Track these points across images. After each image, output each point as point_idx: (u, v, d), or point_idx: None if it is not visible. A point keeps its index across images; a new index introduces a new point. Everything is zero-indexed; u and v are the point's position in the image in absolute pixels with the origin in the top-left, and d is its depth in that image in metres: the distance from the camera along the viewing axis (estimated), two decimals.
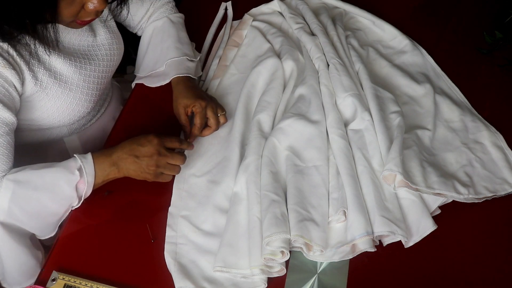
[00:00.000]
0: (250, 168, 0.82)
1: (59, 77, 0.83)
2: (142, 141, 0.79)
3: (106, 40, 0.92)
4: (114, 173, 0.79)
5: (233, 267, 0.73)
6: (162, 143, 0.80)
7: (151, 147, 0.78)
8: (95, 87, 0.90)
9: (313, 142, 0.86)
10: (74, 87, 0.85)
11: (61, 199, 0.76)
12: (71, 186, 0.75)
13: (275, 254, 0.71)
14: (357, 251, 0.75)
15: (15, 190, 0.73)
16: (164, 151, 0.79)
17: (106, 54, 0.91)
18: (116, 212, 0.83)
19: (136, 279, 0.75)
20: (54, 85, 0.82)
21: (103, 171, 0.78)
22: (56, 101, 0.84)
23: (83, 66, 0.87)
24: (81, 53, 0.88)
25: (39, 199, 0.74)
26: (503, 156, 0.90)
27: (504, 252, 0.80)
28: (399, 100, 0.99)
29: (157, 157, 0.78)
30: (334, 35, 1.09)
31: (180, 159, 0.82)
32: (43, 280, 0.73)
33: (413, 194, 0.80)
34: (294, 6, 1.19)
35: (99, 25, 0.92)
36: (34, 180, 0.74)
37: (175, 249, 0.78)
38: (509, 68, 1.11)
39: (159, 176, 0.81)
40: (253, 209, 0.77)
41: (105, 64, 0.91)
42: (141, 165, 0.78)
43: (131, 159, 0.78)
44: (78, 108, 0.88)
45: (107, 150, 0.80)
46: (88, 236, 0.80)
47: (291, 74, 1.01)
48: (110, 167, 0.78)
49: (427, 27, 1.22)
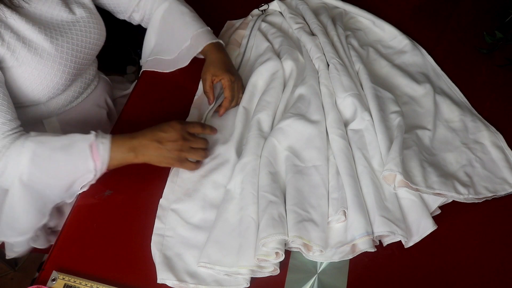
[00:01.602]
0: (247, 168, 0.82)
1: (28, 42, 0.83)
2: (165, 128, 0.80)
3: (81, 18, 0.93)
4: (131, 158, 0.79)
5: (217, 264, 0.73)
6: (185, 128, 0.81)
7: (174, 132, 0.80)
8: (70, 58, 0.90)
9: (312, 142, 0.86)
10: (45, 55, 0.85)
11: (76, 158, 0.76)
12: (85, 144, 0.76)
13: (269, 255, 0.71)
14: (357, 251, 0.75)
15: (36, 150, 0.75)
16: (187, 135, 0.81)
17: (81, 30, 0.92)
18: (116, 212, 0.83)
19: (136, 279, 0.75)
20: (23, 49, 0.83)
21: (120, 153, 0.78)
22: (27, 67, 0.84)
23: (54, 37, 0.87)
24: (53, 26, 0.89)
25: (56, 159, 0.76)
26: (503, 156, 0.90)
27: (504, 252, 0.80)
28: (399, 100, 0.99)
29: (181, 142, 0.80)
30: (334, 35, 1.09)
31: (203, 142, 0.83)
32: (43, 280, 0.73)
33: (413, 194, 0.80)
34: (294, 6, 1.19)
35: (74, 4, 0.93)
36: (54, 141, 0.76)
37: (162, 241, 0.78)
38: (509, 68, 1.11)
39: (183, 162, 0.82)
40: (248, 209, 0.77)
41: (79, 39, 0.91)
42: (165, 150, 0.79)
43: (154, 144, 0.79)
44: (51, 78, 0.88)
45: (129, 135, 0.80)
46: (88, 236, 0.80)
47: (291, 74, 1.01)
48: (128, 151, 0.79)
49: (427, 27, 1.22)
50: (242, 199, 0.79)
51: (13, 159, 0.74)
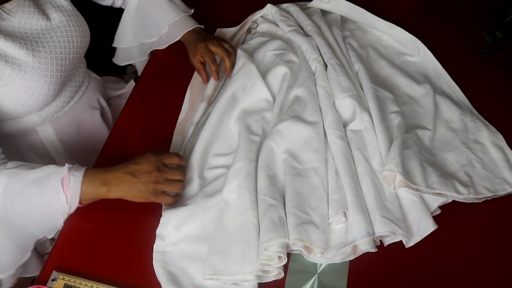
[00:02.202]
0: (242, 173, 0.81)
1: (10, 60, 0.81)
2: (139, 160, 0.78)
3: (61, 23, 0.90)
4: (104, 193, 0.76)
5: (223, 274, 0.71)
6: (159, 159, 0.78)
7: (148, 164, 0.77)
8: (55, 68, 0.88)
9: (310, 144, 0.86)
10: (29, 69, 0.83)
11: (47, 192, 0.74)
12: (57, 178, 0.74)
13: (272, 259, 0.71)
14: (358, 252, 0.75)
15: (8, 184, 0.73)
16: (162, 167, 0.78)
17: (62, 36, 0.89)
18: (116, 212, 0.83)
19: (136, 279, 0.75)
20: (6, 68, 0.81)
21: (92, 187, 0.75)
22: (13, 84, 0.82)
23: (36, 49, 0.85)
24: (33, 37, 0.86)
25: (28, 192, 0.74)
26: (503, 156, 0.90)
27: (504, 252, 0.80)
28: (399, 100, 0.99)
29: (156, 173, 0.76)
30: (329, 35, 1.08)
31: (180, 174, 0.80)
32: (43, 280, 0.73)
33: (413, 194, 0.80)
34: (285, 8, 1.18)
35: (51, 9, 0.91)
36: (27, 175, 0.74)
37: (164, 257, 0.76)
38: (509, 68, 1.11)
39: (159, 196, 0.78)
40: (247, 215, 0.76)
41: (61, 45, 0.89)
42: (139, 183, 0.76)
43: (127, 178, 0.76)
44: (39, 91, 0.86)
45: (103, 168, 0.77)
46: (88, 236, 0.80)
47: (284, 77, 0.99)
48: (100, 185, 0.75)
49: (427, 27, 1.22)
50: (239, 205, 0.78)
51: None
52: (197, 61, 1.01)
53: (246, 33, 1.16)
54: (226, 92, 0.96)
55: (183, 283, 0.74)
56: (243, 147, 0.86)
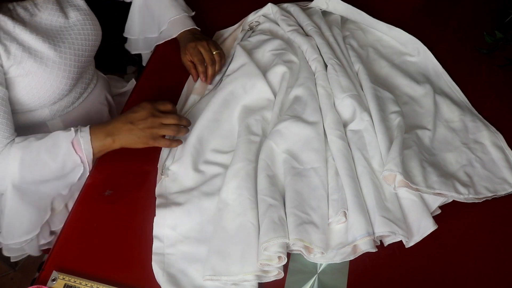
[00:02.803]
0: (241, 174, 0.81)
1: (33, 52, 0.85)
2: (135, 108, 0.84)
3: (78, 21, 0.95)
4: (110, 143, 0.82)
5: (223, 274, 0.71)
6: (154, 106, 0.84)
7: (143, 111, 0.83)
8: (73, 64, 0.92)
9: (310, 144, 0.86)
10: (50, 63, 0.87)
11: (61, 156, 0.80)
12: (67, 141, 0.79)
13: (272, 259, 0.71)
14: (358, 252, 0.75)
15: (22, 156, 0.79)
16: (157, 113, 0.83)
17: (80, 33, 0.94)
18: (116, 212, 0.83)
19: (136, 279, 0.74)
20: (29, 60, 0.84)
21: (99, 141, 0.81)
22: (34, 76, 0.85)
23: (57, 44, 0.89)
24: (53, 33, 0.90)
25: (44, 160, 0.79)
26: (503, 156, 0.90)
27: (504, 252, 0.80)
28: (399, 100, 0.99)
29: (151, 119, 0.82)
30: (329, 35, 1.08)
31: (174, 118, 0.85)
32: (43, 280, 0.73)
33: (413, 194, 0.80)
34: (285, 8, 1.18)
35: (69, 8, 0.95)
36: (38, 144, 0.80)
37: (163, 259, 0.76)
38: (509, 68, 1.11)
39: (157, 140, 0.83)
40: (247, 215, 0.76)
41: (79, 43, 0.93)
42: (137, 130, 0.81)
43: (126, 126, 0.82)
44: (57, 85, 0.90)
45: (104, 123, 0.83)
46: (88, 236, 0.80)
47: (283, 76, 1.00)
48: (105, 137, 0.81)
49: (427, 27, 1.22)
50: (238, 205, 0.78)
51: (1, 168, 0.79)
52: (187, 60, 1.04)
53: (247, 31, 1.16)
54: (224, 89, 0.96)
55: (183, 284, 0.74)
56: (242, 147, 0.86)
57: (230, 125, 0.94)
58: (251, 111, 0.94)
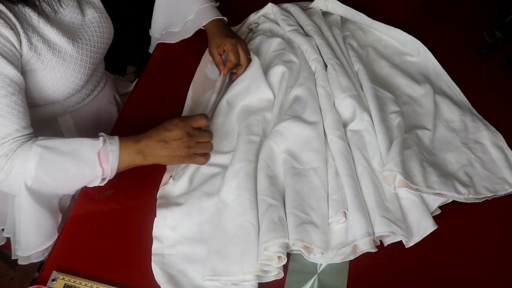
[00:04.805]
0: (241, 174, 0.81)
1: (52, 45, 0.86)
2: (168, 126, 0.80)
3: (94, 19, 0.96)
4: (140, 161, 0.79)
5: (222, 275, 0.71)
6: (188, 123, 0.81)
7: (178, 130, 0.79)
8: (88, 60, 0.92)
9: (310, 144, 0.86)
10: (68, 57, 0.88)
11: (84, 165, 0.76)
12: (93, 151, 0.76)
13: (272, 259, 0.71)
14: (358, 252, 0.75)
15: (42, 154, 0.74)
16: (191, 131, 0.81)
17: (96, 31, 0.95)
18: (116, 212, 0.83)
19: (136, 279, 0.75)
20: (48, 53, 0.84)
21: (128, 156, 0.78)
22: (51, 70, 0.86)
23: (75, 39, 0.90)
24: (72, 28, 0.91)
25: (63, 165, 0.75)
26: (503, 156, 0.90)
27: (504, 252, 0.80)
28: (399, 100, 0.99)
29: (187, 139, 0.80)
30: (329, 36, 1.08)
31: (208, 135, 0.84)
32: (43, 280, 0.73)
33: (413, 194, 0.80)
34: (285, 8, 1.18)
35: (85, 5, 0.96)
36: (61, 146, 0.76)
37: (163, 260, 0.76)
38: (509, 68, 1.11)
39: (193, 158, 0.82)
40: (247, 215, 0.76)
41: (95, 40, 0.94)
42: (171, 149, 0.79)
43: (160, 145, 0.79)
44: (72, 80, 0.90)
45: (134, 137, 0.80)
46: (88, 236, 0.80)
47: (283, 76, 1.00)
48: (136, 154, 0.78)
49: (427, 27, 1.22)
50: (238, 205, 0.78)
51: (19, 163, 0.74)
52: (218, 53, 1.03)
53: (248, 33, 1.16)
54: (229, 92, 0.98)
55: (183, 285, 0.74)
56: (242, 147, 0.86)
57: (230, 125, 0.94)
58: (251, 111, 0.95)
